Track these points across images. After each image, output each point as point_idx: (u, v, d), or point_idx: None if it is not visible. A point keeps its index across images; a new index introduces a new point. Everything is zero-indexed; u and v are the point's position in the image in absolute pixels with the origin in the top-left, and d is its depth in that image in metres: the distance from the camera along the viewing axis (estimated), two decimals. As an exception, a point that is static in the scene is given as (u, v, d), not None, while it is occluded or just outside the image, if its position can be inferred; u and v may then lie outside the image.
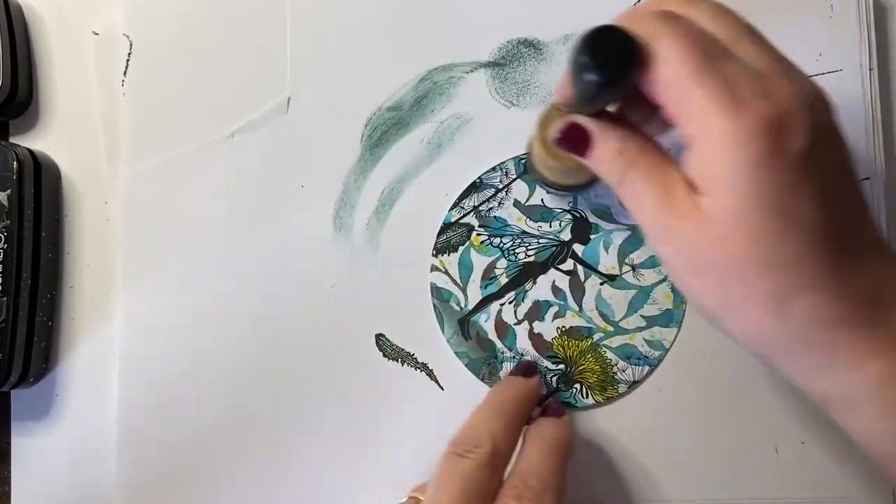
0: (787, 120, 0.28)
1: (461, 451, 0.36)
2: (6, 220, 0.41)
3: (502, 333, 0.43)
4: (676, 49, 0.29)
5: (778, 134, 0.28)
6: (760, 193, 0.28)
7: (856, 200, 0.31)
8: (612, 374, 0.43)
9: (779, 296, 0.29)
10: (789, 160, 0.28)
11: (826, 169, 0.29)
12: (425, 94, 0.44)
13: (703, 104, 0.29)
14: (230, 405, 0.43)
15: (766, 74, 0.29)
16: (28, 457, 0.44)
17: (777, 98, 0.28)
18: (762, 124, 0.28)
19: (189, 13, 0.45)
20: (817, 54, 0.44)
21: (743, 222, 0.29)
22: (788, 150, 0.28)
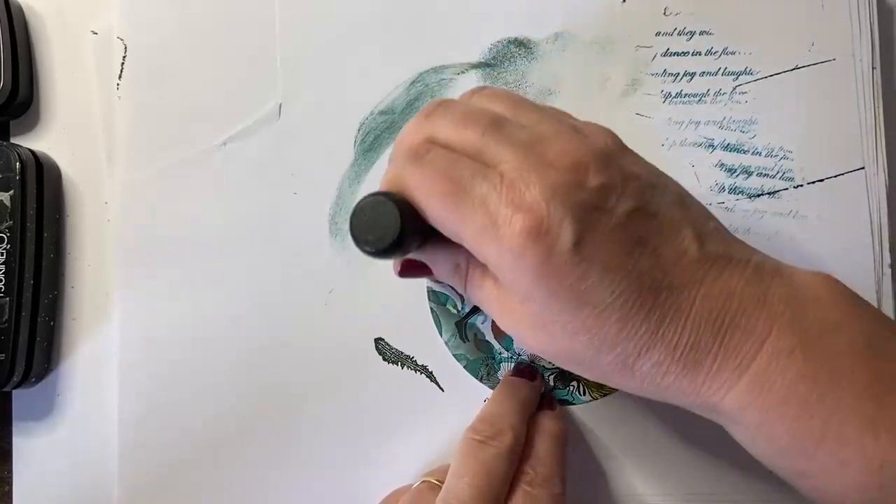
0: (544, 224, 0.29)
1: (482, 437, 0.37)
2: (9, 220, 0.41)
3: (499, 334, 0.43)
4: (427, 196, 0.30)
5: (540, 241, 0.29)
6: (554, 298, 0.29)
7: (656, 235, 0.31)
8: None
9: (622, 365, 0.31)
10: (562, 257, 0.29)
11: (606, 238, 0.29)
12: (417, 97, 0.44)
13: (472, 238, 0.30)
14: (230, 407, 0.44)
15: (518, 177, 0.29)
16: (29, 457, 0.44)
17: (529, 205, 0.29)
18: (522, 240, 0.29)
19: (181, 19, 0.45)
20: (810, 44, 0.43)
21: (555, 324, 0.30)
22: (558, 250, 0.29)
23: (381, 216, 0.29)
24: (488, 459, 0.36)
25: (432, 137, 0.32)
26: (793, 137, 0.43)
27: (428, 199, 0.30)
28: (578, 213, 0.29)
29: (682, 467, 0.43)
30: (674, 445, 0.43)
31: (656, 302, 0.30)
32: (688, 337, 0.30)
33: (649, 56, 0.44)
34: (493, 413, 0.39)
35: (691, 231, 0.31)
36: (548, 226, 0.28)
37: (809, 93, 0.43)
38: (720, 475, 0.43)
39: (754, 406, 0.30)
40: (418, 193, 0.30)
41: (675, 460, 0.43)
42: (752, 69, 0.43)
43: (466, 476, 0.36)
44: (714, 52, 0.44)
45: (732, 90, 0.44)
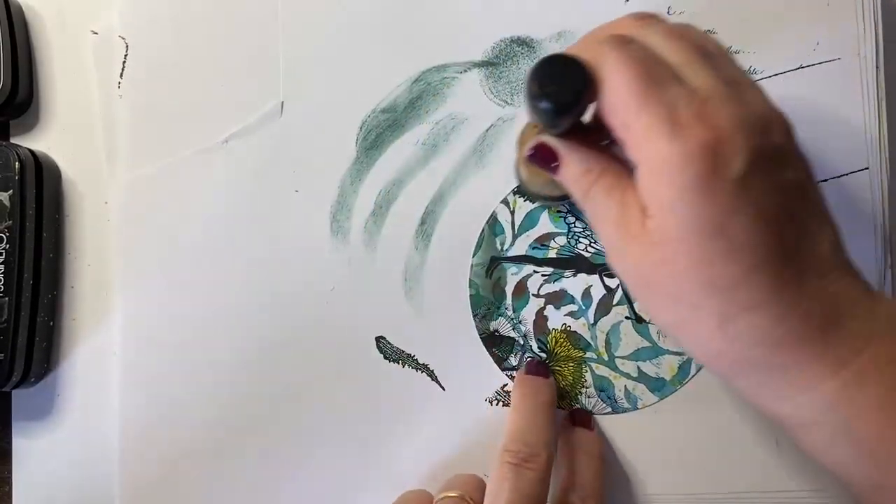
0: (723, 144, 0.29)
1: (518, 460, 0.37)
2: (8, 220, 0.41)
3: (518, 294, 0.43)
4: (620, 75, 0.30)
5: (714, 158, 0.28)
6: (698, 217, 0.29)
7: (807, 219, 0.31)
8: (577, 392, 0.43)
9: (722, 316, 0.30)
10: (726, 184, 0.29)
11: (768, 191, 0.29)
12: (419, 96, 0.44)
13: (644, 129, 0.30)
14: (231, 406, 0.44)
15: (710, 98, 0.29)
16: (29, 457, 0.44)
17: (715, 122, 0.29)
18: (698, 149, 0.28)
19: (182, 17, 0.44)
20: (815, 43, 0.43)
21: (683, 245, 0.30)
22: (725, 175, 0.28)
23: (566, 73, 0.30)
24: (526, 485, 0.37)
25: (638, 36, 0.32)
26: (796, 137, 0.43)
27: (618, 76, 0.30)
28: (756, 153, 0.29)
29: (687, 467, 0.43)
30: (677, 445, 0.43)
31: (785, 269, 0.30)
32: (798, 316, 0.30)
33: (652, 55, 0.44)
34: (523, 430, 0.39)
35: (831, 233, 0.31)
36: (725, 149, 0.28)
37: (814, 92, 0.43)
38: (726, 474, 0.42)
39: (844, 405, 0.30)
40: (611, 70, 0.30)
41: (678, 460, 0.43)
42: (756, 68, 0.43)
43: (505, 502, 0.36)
44: (718, 51, 0.43)
45: (736, 89, 0.43)
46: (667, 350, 0.43)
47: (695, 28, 0.33)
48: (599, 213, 0.33)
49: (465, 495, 0.39)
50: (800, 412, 0.31)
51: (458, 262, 0.44)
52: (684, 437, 0.43)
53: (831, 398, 0.30)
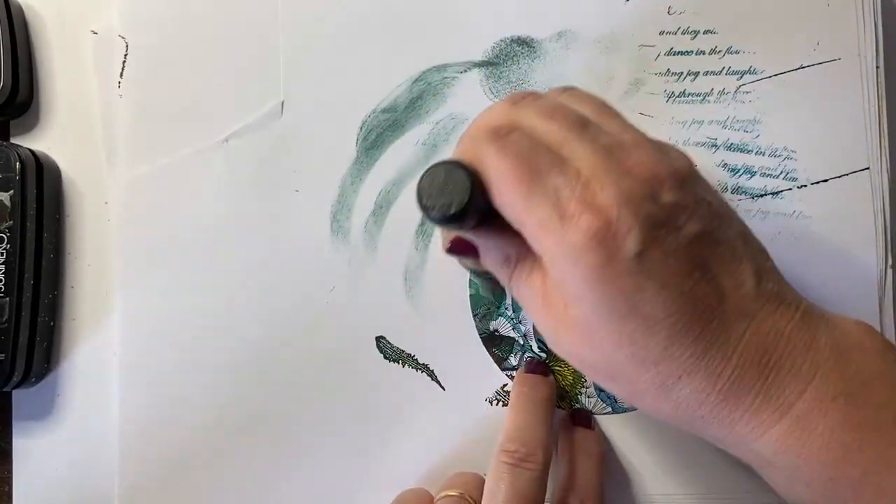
0: (612, 226, 0.28)
1: (515, 460, 0.37)
2: (9, 220, 0.41)
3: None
4: (500, 174, 0.30)
5: (606, 243, 0.28)
6: (606, 303, 0.29)
7: (720, 264, 0.30)
8: (577, 392, 0.43)
9: (660, 386, 0.30)
10: (624, 265, 0.28)
11: (669, 257, 0.29)
12: (420, 95, 0.44)
13: (535, 225, 0.29)
14: (230, 406, 0.44)
15: (590, 179, 0.29)
16: (29, 457, 0.44)
17: (599, 205, 0.28)
18: (588, 239, 0.28)
19: (183, 16, 0.44)
20: (815, 43, 0.43)
21: (601, 329, 0.30)
22: (621, 256, 0.28)
23: (452, 183, 0.29)
24: (524, 484, 0.36)
25: (516, 123, 0.32)
26: (797, 137, 0.43)
27: (501, 177, 0.30)
28: (647, 224, 0.28)
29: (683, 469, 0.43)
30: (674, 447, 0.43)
31: (707, 327, 0.29)
32: (732, 369, 0.30)
33: (653, 55, 0.44)
34: (521, 428, 0.39)
35: (751, 266, 0.31)
36: (615, 231, 0.28)
37: (814, 93, 0.43)
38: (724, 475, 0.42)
39: (793, 449, 0.30)
40: (492, 170, 0.30)
41: (675, 463, 0.43)
42: (756, 68, 0.43)
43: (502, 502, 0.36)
44: (718, 51, 0.43)
45: (736, 90, 0.43)
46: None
47: (574, 91, 0.34)
48: (524, 300, 0.33)
49: (466, 494, 0.39)
50: (756, 456, 0.32)
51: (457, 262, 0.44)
52: (684, 437, 0.43)
53: (780, 444, 0.30)
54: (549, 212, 0.29)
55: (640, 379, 0.30)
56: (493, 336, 0.43)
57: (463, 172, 0.29)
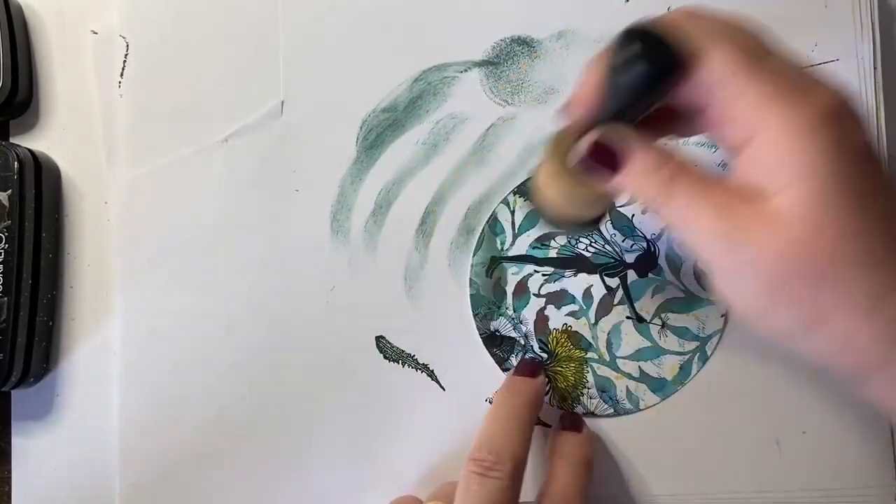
0: (847, 109, 0.27)
1: (483, 469, 0.36)
2: (7, 220, 0.41)
3: (518, 293, 0.43)
4: (724, 45, 0.27)
5: (843, 121, 0.26)
6: (843, 181, 0.26)
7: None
8: (578, 394, 0.43)
9: (874, 296, 0.27)
10: (858, 148, 0.26)
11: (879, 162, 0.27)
12: (420, 95, 0.44)
13: (762, 97, 0.27)
14: (230, 406, 0.44)
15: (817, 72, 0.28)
16: (28, 457, 0.44)
17: (833, 89, 0.27)
18: (825, 113, 0.26)
19: (183, 16, 0.44)
20: (813, 44, 0.43)
21: (829, 214, 0.26)
22: (855, 139, 0.26)
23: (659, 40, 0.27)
24: (491, 493, 0.36)
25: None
26: (795, 138, 0.43)
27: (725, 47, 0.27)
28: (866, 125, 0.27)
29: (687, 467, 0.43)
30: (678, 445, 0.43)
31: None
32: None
33: (652, 55, 0.44)
34: (491, 436, 0.38)
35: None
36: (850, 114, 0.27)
37: (812, 93, 0.43)
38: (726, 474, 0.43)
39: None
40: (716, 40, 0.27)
41: (679, 460, 0.43)
42: (754, 69, 0.43)
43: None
44: (717, 51, 0.44)
45: (735, 90, 0.43)
46: (668, 350, 0.43)
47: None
48: (693, 207, 0.28)
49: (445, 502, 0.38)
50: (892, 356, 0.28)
51: (457, 261, 0.44)
52: (685, 437, 0.43)
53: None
54: (783, 84, 0.27)
55: (854, 283, 0.27)
56: (493, 336, 0.43)
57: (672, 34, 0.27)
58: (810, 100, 0.26)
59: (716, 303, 0.43)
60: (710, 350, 0.43)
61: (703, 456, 0.43)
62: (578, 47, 0.44)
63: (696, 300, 0.43)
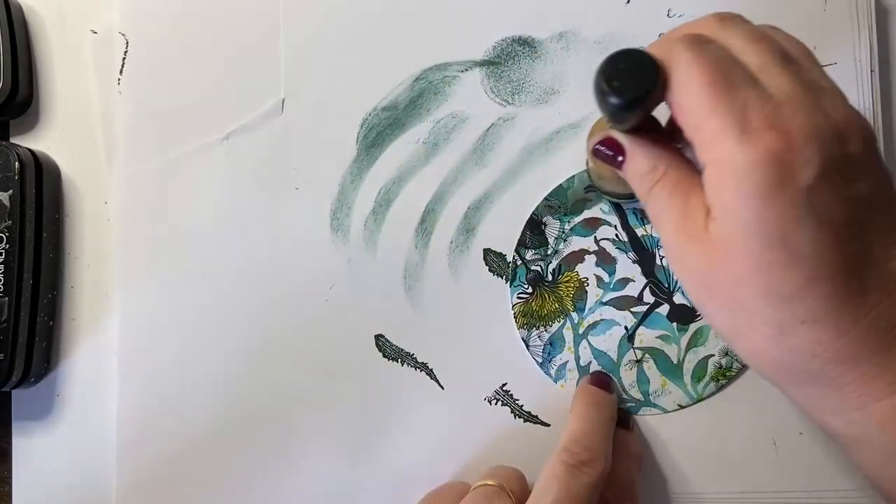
0: (793, 153, 0.28)
1: (576, 461, 0.36)
2: (8, 220, 0.41)
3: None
4: (691, 75, 0.29)
5: (782, 166, 0.28)
6: (760, 224, 0.28)
7: (879, 233, 0.30)
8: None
9: (780, 326, 0.29)
10: (792, 194, 0.28)
11: (836, 203, 0.28)
12: (420, 94, 0.44)
13: (713, 131, 0.29)
14: (230, 406, 0.44)
15: (785, 103, 0.29)
16: (29, 456, 0.44)
17: (787, 129, 0.28)
18: (766, 156, 0.28)
19: (183, 13, 0.45)
20: (811, 47, 0.43)
21: (744, 250, 0.29)
22: (792, 184, 0.28)
23: (637, 67, 0.29)
24: (579, 488, 0.36)
25: (719, 37, 0.31)
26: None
27: (691, 78, 0.29)
28: (827, 164, 0.28)
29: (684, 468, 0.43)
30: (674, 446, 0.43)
31: (848, 282, 0.29)
32: (859, 330, 0.29)
33: (652, 56, 0.44)
34: (585, 434, 0.38)
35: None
36: (794, 158, 0.28)
37: (811, 94, 0.43)
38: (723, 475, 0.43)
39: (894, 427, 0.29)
40: (683, 70, 0.30)
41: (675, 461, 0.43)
42: (753, 71, 0.43)
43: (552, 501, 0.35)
44: (716, 52, 0.44)
45: (735, 91, 0.44)
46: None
47: (780, 31, 0.33)
48: (661, 211, 0.32)
49: (505, 486, 0.38)
50: (851, 430, 0.31)
51: (457, 260, 0.44)
52: (684, 438, 0.43)
53: (883, 418, 0.29)
54: (733, 121, 0.28)
55: (761, 312, 0.30)
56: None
57: (650, 60, 0.30)
58: (755, 141, 0.28)
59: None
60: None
61: (699, 456, 0.43)
62: (579, 48, 0.44)
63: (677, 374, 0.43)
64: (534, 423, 0.43)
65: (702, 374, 0.42)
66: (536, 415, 0.43)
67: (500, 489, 0.38)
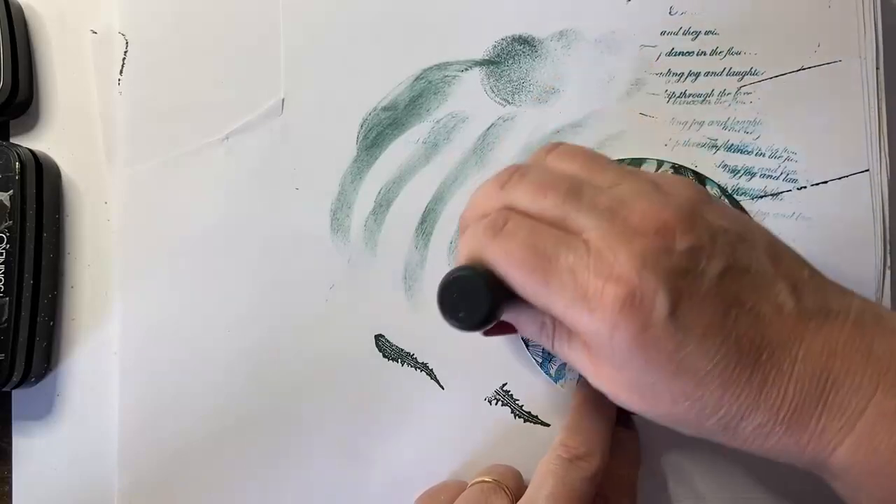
0: (637, 294, 0.28)
1: (572, 455, 0.37)
2: (8, 220, 0.41)
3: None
4: (511, 270, 0.30)
5: (635, 312, 0.28)
6: (651, 367, 0.29)
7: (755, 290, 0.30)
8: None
9: (724, 428, 0.30)
10: (658, 328, 0.28)
11: (703, 304, 0.29)
12: (420, 94, 0.44)
13: (562, 311, 0.30)
14: (230, 406, 0.43)
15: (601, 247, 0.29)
16: (29, 456, 0.44)
17: (619, 275, 0.28)
18: (617, 311, 0.28)
19: (183, 13, 0.44)
20: (816, 45, 0.43)
21: (654, 392, 0.30)
22: (655, 320, 0.28)
23: (470, 292, 0.30)
24: (574, 482, 0.36)
25: (509, 206, 0.32)
26: (797, 139, 0.43)
27: (514, 272, 0.30)
28: (671, 280, 0.28)
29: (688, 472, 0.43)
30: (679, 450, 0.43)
31: (757, 364, 0.29)
32: (791, 398, 0.29)
33: (654, 55, 0.44)
34: (582, 429, 0.38)
35: (786, 284, 0.30)
36: (641, 296, 0.28)
37: (815, 94, 0.43)
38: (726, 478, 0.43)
39: (859, 466, 0.30)
40: (503, 267, 0.30)
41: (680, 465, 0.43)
42: (757, 70, 0.43)
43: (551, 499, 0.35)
44: (719, 52, 0.43)
45: (737, 91, 0.43)
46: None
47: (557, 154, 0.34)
48: (574, 364, 0.33)
49: (501, 482, 0.38)
50: (822, 471, 0.31)
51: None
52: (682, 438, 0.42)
53: (848, 460, 0.30)
54: (572, 294, 0.29)
55: (704, 425, 0.30)
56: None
57: (479, 280, 0.30)
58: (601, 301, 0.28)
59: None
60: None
61: (701, 456, 0.43)
62: (579, 47, 0.44)
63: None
64: (534, 423, 0.43)
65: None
66: (536, 415, 0.43)
67: (497, 485, 0.38)
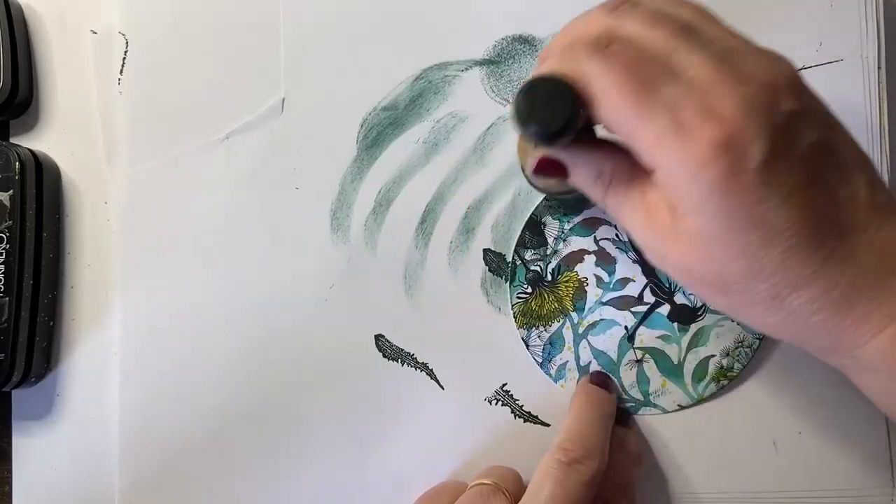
0: (737, 136, 0.28)
1: (570, 459, 0.36)
2: (8, 220, 0.41)
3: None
4: (609, 89, 0.29)
5: (731, 154, 0.28)
6: (729, 215, 0.28)
7: (838, 173, 0.30)
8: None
9: (773, 297, 0.30)
10: (749, 176, 0.28)
11: (793, 167, 0.28)
12: (420, 93, 0.44)
13: (651, 139, 0.29)
14: (230, 405, 0.44)
15: (708, 88, 0.28)
16: (29, 457, 0.44)
17: (721, 114, 0.28)
18: (712, 149, 0.27)
19: (183, 13, 0.44)
20: (818, 43, 0.43)
21: (720, 242, 0.29)
22: (746, 167, 0.28)
23: (552, 97, 0.29)
24: (573, 485, 0.36)
25: (615, 31, 0.31)
26: (797, 137, 0.43)
27: (609, 92, 0.29)
28: (771, 133, 0.28)
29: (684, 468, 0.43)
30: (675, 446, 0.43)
31: (826, 238, 0.29)
32: (849, 278, 0.29)
33: (653, 54, 0.44)
34: (581, 432, 0.38)
35: (865, 176, 0.30)
36: (739, 140, 0.27)
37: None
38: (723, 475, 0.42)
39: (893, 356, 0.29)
40: (598, 86, 0.29)
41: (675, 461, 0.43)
42: (757, 68, 0.43)
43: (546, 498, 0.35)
44: (719, 50, 0.43)
45: (737, 89, 0.43)
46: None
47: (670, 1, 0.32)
48: (623, 216, 0.33)
49: (500, 484, 0.38)
50: (856, 363, 0.31)
51: (457, 260, 0.44)
52: (681, 439, 0.43)
53: (884, 349, 0.29)
54: (667, 124, 0.28)
55: (752, 290, 0.30)
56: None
57: (565, 88, 0.29)
58: (697, 139, 0.28)
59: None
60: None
61: (699, 456, 0.42)
62: (579, 46, 0.44)
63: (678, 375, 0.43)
64: (534, 423, 0.43)
65: (702, 375, 0.42)
66: (536, 415, 0.43)
67: (496, 488, 0.38)
